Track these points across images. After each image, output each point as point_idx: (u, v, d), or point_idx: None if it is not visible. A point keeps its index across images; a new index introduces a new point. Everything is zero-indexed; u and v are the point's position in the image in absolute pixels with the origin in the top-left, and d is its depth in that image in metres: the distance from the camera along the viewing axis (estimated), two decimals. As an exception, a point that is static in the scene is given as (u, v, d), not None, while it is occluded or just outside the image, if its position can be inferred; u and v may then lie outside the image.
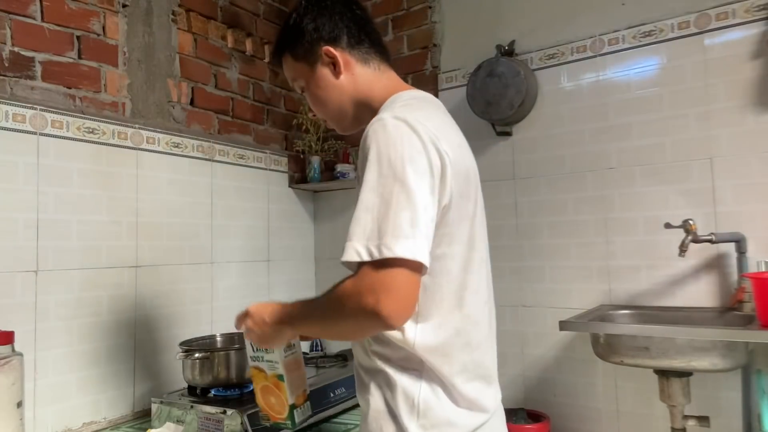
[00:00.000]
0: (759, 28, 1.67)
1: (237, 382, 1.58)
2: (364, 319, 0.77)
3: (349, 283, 0.80)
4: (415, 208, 0.77)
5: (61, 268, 1.56)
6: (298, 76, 1.04)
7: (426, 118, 0.86)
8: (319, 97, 1.02)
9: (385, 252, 0.75)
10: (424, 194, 0.79)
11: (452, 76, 2.23)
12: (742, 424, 1.63)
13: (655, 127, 1.82)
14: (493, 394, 0.96)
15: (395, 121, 0.83)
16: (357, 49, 1.00)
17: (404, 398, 0.85)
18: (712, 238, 1.60)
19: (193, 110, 2.01)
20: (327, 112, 1.04)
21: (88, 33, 1.68)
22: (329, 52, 0.98)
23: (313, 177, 2.42)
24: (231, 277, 2.10)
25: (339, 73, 0.99)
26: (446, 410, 0.86)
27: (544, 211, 2.01)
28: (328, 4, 1.00)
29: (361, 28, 1.01)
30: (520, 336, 2.04)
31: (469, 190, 0.93)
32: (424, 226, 0.78)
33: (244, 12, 2.27)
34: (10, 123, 1.47)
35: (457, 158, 0.88)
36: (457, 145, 0.91)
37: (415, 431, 0.84)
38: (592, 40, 1.95)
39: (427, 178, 0.80)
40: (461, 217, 0.89)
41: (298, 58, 1.02)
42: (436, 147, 0.83)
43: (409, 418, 0.84)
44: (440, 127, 0.88)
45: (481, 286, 0.96)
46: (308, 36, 0.99)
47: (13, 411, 1.22)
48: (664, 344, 1.47)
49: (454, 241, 0.88)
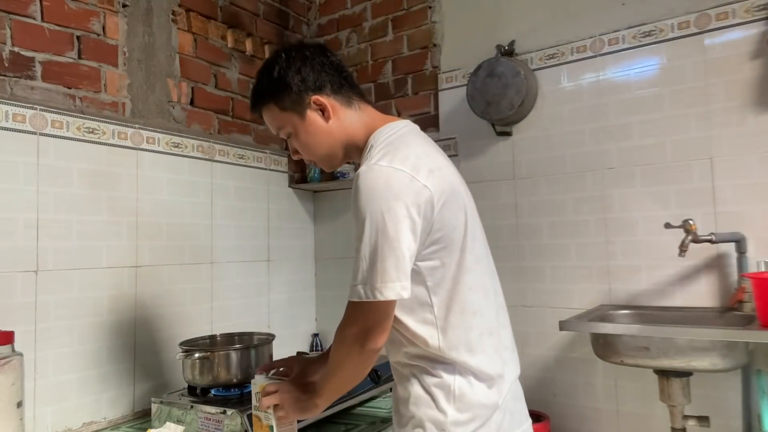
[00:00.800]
0: (759, 28, 1.67)
1: (237, 382, 1.58)
2: (356, 350, 0.96)
3: (339, 328, 0.98)
4: (396, 254, 0.91)
5: (61, 268, 1.56)
6: (285, 124, 1.11)
7: (404, 158, 0.96)
8: (309, 142, 1.10)
9: (377, 296, 0.91)
10: (405, 239, 0.91)
11: (452, 76, 2.23)
12: (742, 424, 1.63)
13: (655, 127, 1.82)
14: (513, 368, 1.09)
15: (376, 171, 0.94)
16: (340, 93, 1.09)
17: (441, 387, 0.99)
18: (712, 238, 1.60)
19: (193, 110, 2.01)
20: (317, 155, 1.13)
21: (88, 33, 1.68)
22: (318, 100, 1.07)
23: (313, 177, 2.42)
24: (231, 277, 2.10)
25: (328, 118, 1.08)
26: (478, 394, 0.99)
27: (544, 211, 2.01)
28: (308, 55, 1.08)
29: (339, 73, 1.10)
30: (520, 336, 2.02)
31: (457, 200, 1.02)
32: (407, 266, 0.92)
33: (244, 12, 2.27)
34: (10, 123, 1.47)
35: (439, 181, 0.98)
36: (437, 168, 1.00)
37: (452, 414, 0.97)
38: (592, 40, 1.95)
39: (407, 222, 0.92)
40: (453, 227, 0.99)
41: (285, 108, 1.09)
42: (414, 185, 0.94)
43: (447, 404, 0.97)
44: (419, 158, 0.98)
45: (482, 282, 1.06)
46: (295, 88, 1.06)
47: (13, 411, 1.22)
48: (664, 344, 1.47)
49: (448, 252, 0.99)
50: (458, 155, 2.18)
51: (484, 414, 0.98)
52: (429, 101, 2.29)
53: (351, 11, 2.52)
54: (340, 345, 0.99)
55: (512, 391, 1.06)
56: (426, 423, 0.98)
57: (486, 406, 0.99)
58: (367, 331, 0.94)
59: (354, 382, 1.03)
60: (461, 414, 0.97)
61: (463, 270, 1.00)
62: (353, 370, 1.01)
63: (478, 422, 0.97)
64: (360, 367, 1.00)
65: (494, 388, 1.01)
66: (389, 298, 0.91)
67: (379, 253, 0.91)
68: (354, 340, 0.95)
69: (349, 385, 1.04)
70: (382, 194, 0.92)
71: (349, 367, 1.00)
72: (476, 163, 2.14)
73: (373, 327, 0.94)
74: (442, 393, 0.98)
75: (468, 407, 0.98)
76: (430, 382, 1.00)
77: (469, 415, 0.97)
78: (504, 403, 1.01)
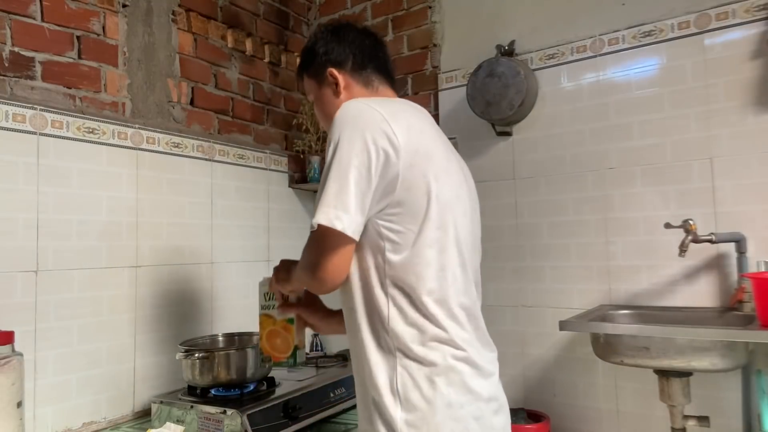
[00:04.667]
0: (759, 28, 1.67)
1: (237, 382, 1.58)
2: (305, 279, 0.99)
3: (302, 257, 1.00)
4: (341, 183, 0.90)
5: (61, 268, 1.56)
6: (310, 91, 1.20)
7: (385, 105, 0.97)
8: (322, 111, 1.17)
9: (313, 222, 0.90)
10: (353, 171, 0.90)
11: (452, 76, 2.23)
12: (742, 424, 1.63)
13: (655, 127, 1.82)
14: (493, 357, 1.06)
15: (353, 105, 0.97)
16: (359, 73, 1.13)
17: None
18: (712, 238, 1.60)
19: (193, 110, 2.01)
20: (323, 124, 1.19)
21: (88, 33, 1.68)
22: (332, 73, 1.13)
23: (313, 177, 2.42)
24: (231, 277, 2.10)
25: (339, 92, 1.13)
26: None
27: (544, 211, 2.01)
28: (341, 33, 1.15)
29: (365, 55, 1.14)
30: (520, 336, 2.04)
31: (426, 167, 0.96)
32: (349, 198, 0.89)
33: (244, 12, 2.27)
34: (10, 123, 1.47)
35: (415, 139, 0.96)
36: (419, 131, 0.98)
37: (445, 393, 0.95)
38: (592, 40, 1.95)
39: (363, 156, 0.90)
40: (415, 193, 0.94)
41: (310, 76, 1.18)
42: (384, 127, 0.92)
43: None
44: (403, 113, 0.98)
45: (445, 262, 0.99)
46: (318, 58, 1.15)
47: (13, 411, 1.22)
48: (664, 344, 1.47)
49: (411, 218, 0.94)
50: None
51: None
52: (429, 101, 2.29)
53: (351, 11, 2.52)
54: (300, 267, 1.01)
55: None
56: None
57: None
58: (313, 263, 0.94)
59: None
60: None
61: (421, 242, 0.94)
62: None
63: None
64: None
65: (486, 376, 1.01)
66: (321, 222, 0.89)
67: (328, 180, 0.91)
68: (305, 267, 0.98)
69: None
70: (348, 124, 0.93)
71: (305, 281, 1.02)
72: (476, 163, 2.14)
73: (315, 260, 0.94)
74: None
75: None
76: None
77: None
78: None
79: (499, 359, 1.05)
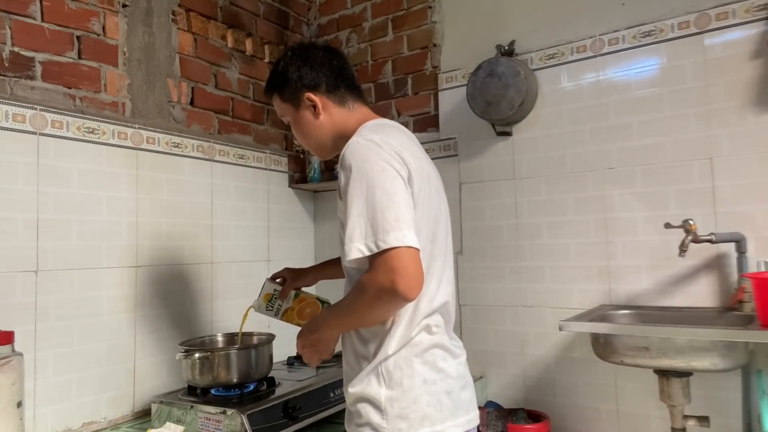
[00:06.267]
0: (759, 28, 1.67)
1: (237, 382, 1.58)
2: (386, 298, 0.96)
3: (364, 276, 0.99)
4: (395, 206, 0.97)
5: (61, 268, 1.56)
6: (285, 113, 1.25)
7: (388, 137, 1.06)
8: (301, 132, 1.24)
9: (381, 245, 0.94)
10: (400, 193, 0.99)
11: (452, 76, 2.23)
12: (742, 424, 1.63)
13: (655, 127, 1.82)
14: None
15: (365, 141, 1.04)
16: (333, 93, 1.20)
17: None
18: (712, 238, 1.60)
19: (193, 110, 2.01)
20: (309, 144, 1.26)
21: (88, 33, 1.68)
22: (310, 97, 1.19)
23: (313, 177, 2.42)
24: (231, 277, 2.10)
25: (318, 114, 1.19)
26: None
27: (544, 211, 2.01)
28: (310, 56, 1.21)
29: (337, 75, 1.20)
30: (520, 336, 2.04)
31: (430, 190, 1.11)
32: (407, 217, 0.98)
33: (244, 12, 2.27)
34: (10, 123, 1.47)
35: (418, 166, 1.07)
36: (417, 158, 1.09)
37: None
38: (592, 40, 1.95)
39: (399, 180, 1.00)
40: (423, 214, 1.07)
41: (284, 99, 1.23)
42: (399, 157, 1.03)
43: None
44: (402, 143, 1.07)
45: (443, 272, 1.14)
46: (293, 83, 1.20)
47: (13, 411, 1.22)
48: (664, 344, 1.47)
49: (419, 234, 1.03)
50: (458, 155, 2.18)
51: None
52: (429, 101, 2.29)
53: (351, 11, 2.52)
54: (372, 296, 0.99)
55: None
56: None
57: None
58: (392, 281, 0.95)
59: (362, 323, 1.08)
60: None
61: (428, 254, 1.07)
62: (374, 316, 1.04)
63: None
64: (384, 313, 1.03)
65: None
66: (391, 245, 0.94)
67: (378, 205, 0.96)
68: (381, 291, 0.96)
69: (366, 323, 1.07)
70: (376, 156, 1.00)
71: (371, 316, 1.03)
72: (476, 163, 2.14)
73: (390, 278, 0.94)
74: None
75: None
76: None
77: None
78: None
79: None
